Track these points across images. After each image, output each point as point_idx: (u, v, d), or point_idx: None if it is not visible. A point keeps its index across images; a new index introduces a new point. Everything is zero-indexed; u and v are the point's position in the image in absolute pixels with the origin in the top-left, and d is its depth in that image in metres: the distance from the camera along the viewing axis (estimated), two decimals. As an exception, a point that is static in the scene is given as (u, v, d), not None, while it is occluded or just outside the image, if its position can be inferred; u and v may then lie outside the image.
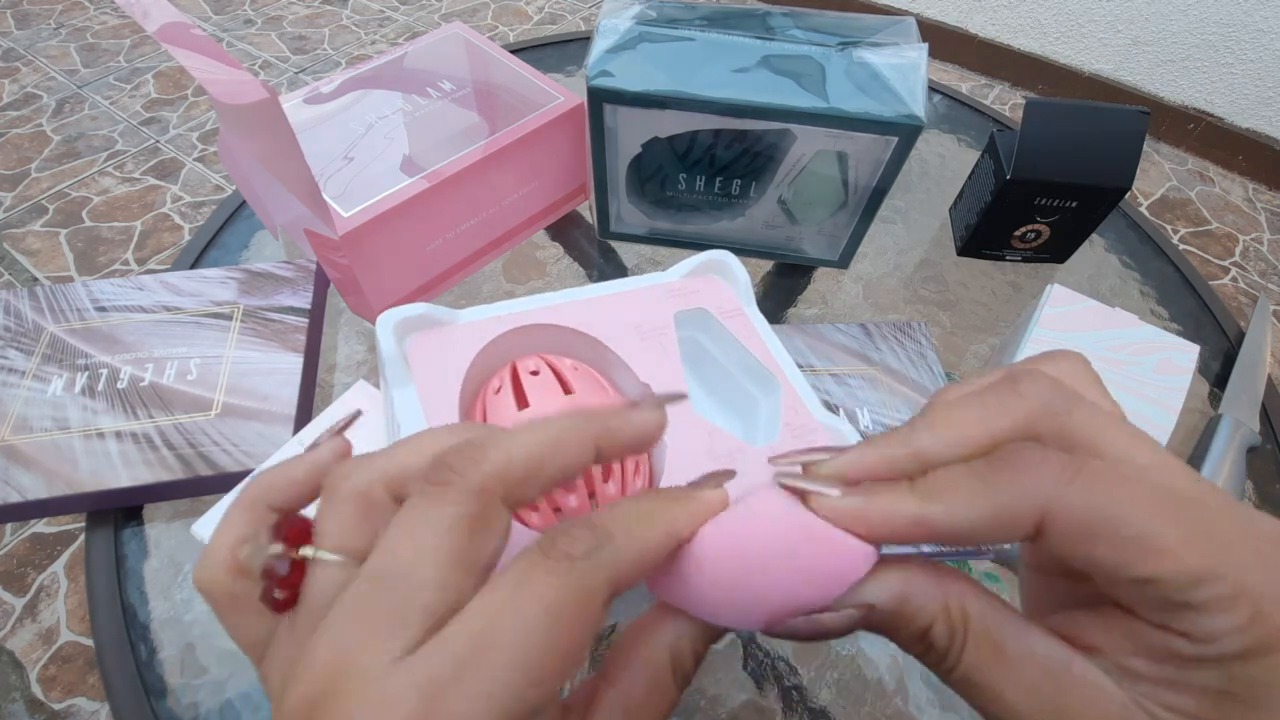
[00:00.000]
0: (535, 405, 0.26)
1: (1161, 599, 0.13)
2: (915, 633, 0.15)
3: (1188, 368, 0.40)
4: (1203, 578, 0.13)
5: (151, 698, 0.32)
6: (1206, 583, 0.13)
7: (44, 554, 0.94)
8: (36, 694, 0.84)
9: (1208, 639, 0.13)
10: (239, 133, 0.36)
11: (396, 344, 0.27)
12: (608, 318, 0.30)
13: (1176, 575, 0.13)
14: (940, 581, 0.16)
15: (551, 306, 0.30)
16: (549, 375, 0.27)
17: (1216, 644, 0.13)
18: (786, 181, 0.45)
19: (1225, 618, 0.13)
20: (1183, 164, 1.66)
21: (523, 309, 0.30)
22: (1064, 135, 0.45)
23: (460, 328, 0.29)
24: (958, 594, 0.15)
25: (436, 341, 0.28)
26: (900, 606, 0.15)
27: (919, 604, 0.15)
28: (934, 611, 0.15)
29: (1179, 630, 0.13)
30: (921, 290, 0.52)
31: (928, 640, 0.15)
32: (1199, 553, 0.13)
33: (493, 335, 0.29)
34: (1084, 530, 0.14)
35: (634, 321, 0.31)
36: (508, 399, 0.26)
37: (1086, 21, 1.66)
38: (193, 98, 1.62)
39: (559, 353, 0.30)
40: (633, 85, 0.40)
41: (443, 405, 0.26)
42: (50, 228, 1.32)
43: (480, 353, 0.28)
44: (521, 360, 0.28)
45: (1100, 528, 0.14)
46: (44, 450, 0.36)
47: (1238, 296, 1.36)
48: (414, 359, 0.27)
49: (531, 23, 1.95)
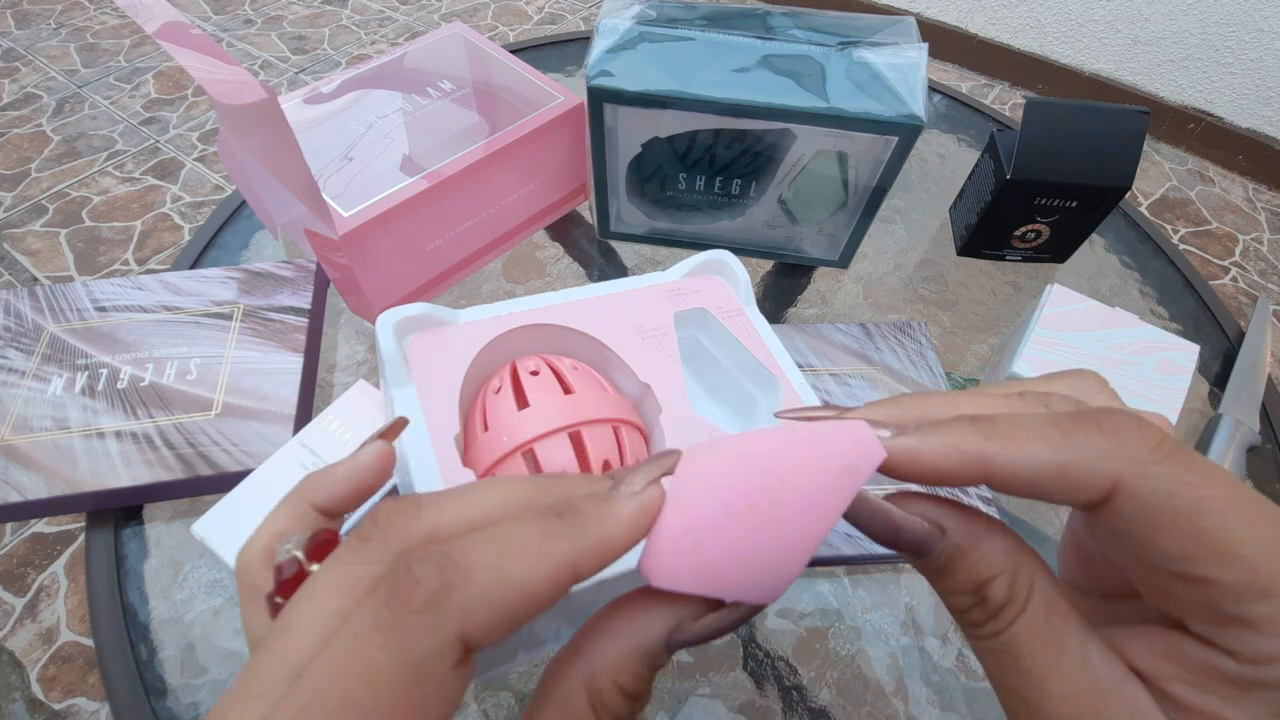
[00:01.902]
0: (535, 404, 0.26)
1: (1216, 607, 0.12)
2: (973, 580, 0.14)
3: (1188, 368, 0.40)
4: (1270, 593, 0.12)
5: (151, 698, 0.32)
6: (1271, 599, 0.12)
7: (44, 554, 0.94)
8: (36, 694, 0.84)
9: (1256, 660, 0.12)
10: (239, 133, 0.36)
11: (396, 344, 0.27)
12: (608, 318, 0.30)
13: (1241, 583, 0.12)
14: (1021, 550, 0.14)
15: (551, 306, 0.30)
16: (549, 375, 0.27)
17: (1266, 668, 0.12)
18: (786, 181, 0.45)
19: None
20: (1183, 164, 1.66)
21: (523, 309, 0.30)
22: (1064, 135, 0.45)
23: (460, 328, 0.29)
24: (1033, 567, 0.14)
25: (436, 341, 0.28)
26: (971, 547, 0.14)
27: (991, 554, 0.14)
28: (1003, 568, 0.14)
29: (1226, 647, 0.13)
30: (921, 290, 0.52)
31: (982, 593, 0.14)
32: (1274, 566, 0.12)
33: (493, 335, 0.29)
34: (1156, 512, 0.13)
35: (634, 321, 0.31)
36: (508, 399, 0.26)
37: (1086, 21, 1.66)
38: (193, 98, 1.62)
39: (559, 353, 0.30)
40: (633, 85, 0.40)
41: (443, 405, 0.26)
42: (50, 228, 1.32)
43: (480, 353, 0.28)
44: (521, 360, 0.28)
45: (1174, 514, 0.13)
46: (44, 450, 0.36)
47: (1238, 296, 1.36)
48: (414, 359, 0.27)
49: (531, 23, 1.95)
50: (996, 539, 0.14)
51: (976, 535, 0.14)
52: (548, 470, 0.24)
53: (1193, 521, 0.12)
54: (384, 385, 0.28)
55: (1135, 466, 0.13)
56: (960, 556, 0.14)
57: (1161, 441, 0.13)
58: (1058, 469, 0.13)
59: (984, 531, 0.14)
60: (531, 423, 0.25)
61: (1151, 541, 0.13)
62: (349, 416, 0.35)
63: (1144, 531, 0.13)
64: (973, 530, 0.14)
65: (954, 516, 0.15)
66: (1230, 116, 1.60)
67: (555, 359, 0.28)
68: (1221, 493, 0.13)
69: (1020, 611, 0.14)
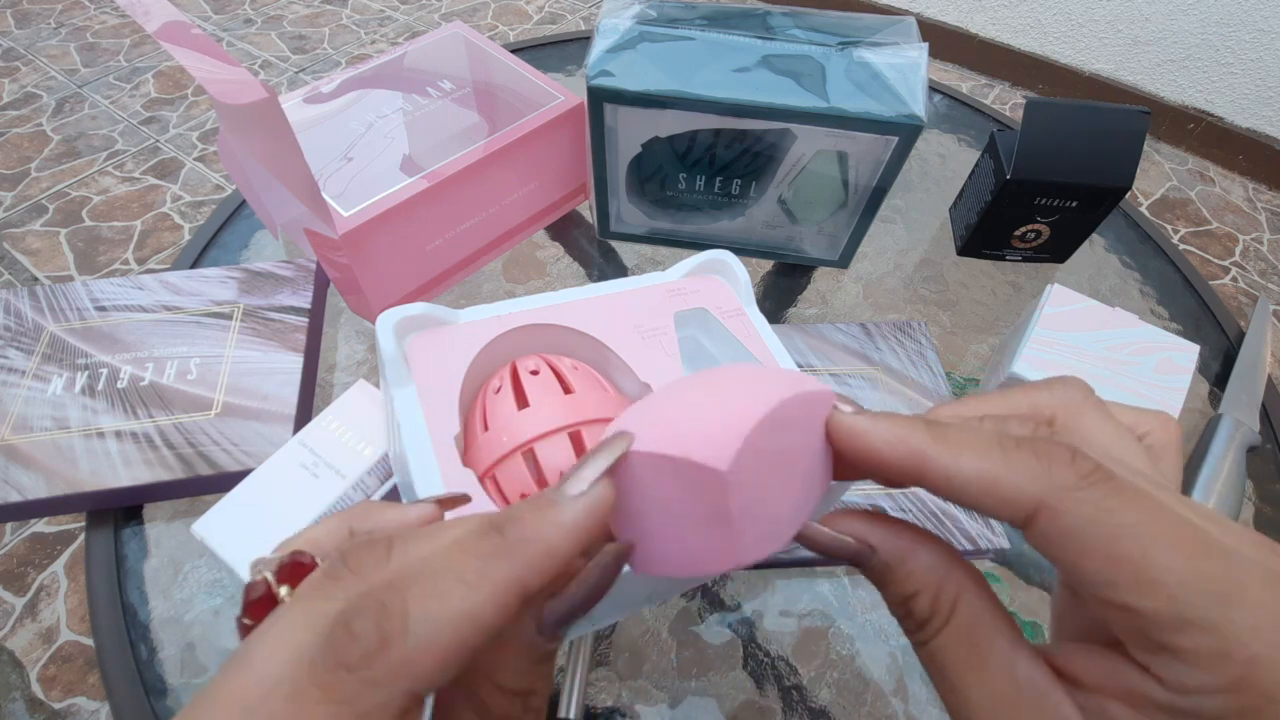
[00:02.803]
0: (535, 404, 0.26)
1: (1144, 635, 0.13)
2: (900, 594, 0.15)
3: (1188, 368, 0.40)
4: (1192, 624, 0.12)
5: (151, 698, 0.32)
6: (1194, 630, 0.12)
7: (44, 554, 0.94)
8: (37, 693, 0.84)
9: (1183, 691, 0.12)
10: (239, 133, 0.36)
11: (396, 343, 0.27)
12: (608, 318, 0.30)
13: (1162, 612, 0.12)
14: (950, 565, 0.15)
15: (552, 306, 0.30)
16: (549, 375, 0.27)
17: (1192, 699, 0.12)
18: (786, 181, 0.45)
19: (1206, 674, 0.12)
20: (1183, 164, 1.66)
21: (523, 309, 0.30)
22: (1064, 135, 0.45)
23: (460, 328, 0.29)
24: (960, 582, 0.15)
25: (436, 341, 0.28)
26: (897, 564, 0.15)
27: (916, 570, 0.15)
28: (925, 584, 0.15)
29: (1157, 674, 0.13)
30: (921, 290, 0.52)
31: (908, 606, 0.15)
32: (1196, 595, 0.12)
33: (493, 335, 0.29)
34: (1078, 536, 0.13)
35: (634, 321, 0.31)
36: (508, 398, 0.26)
37: (1087, 21, 1.66)
38: (193, 97, 1.62)
39: (560, 352, 0.30)
40: (633, 85, 0.40)
41: (442, 405, 0.26)
42: (50, 227, 1.32)
43: (480, 352, 0.28)
44: (521, 360, 0.28)
45: (1095, 540, 0.13)
46: (44, 450, 0.36)
47: (1238, 296, 1.36)
48: (414, 358, 0.27)
49: (531, 22, 1.95)
50: (924, 555, 0.15)
51: (903, 552, 0.15)
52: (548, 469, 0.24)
53: (1112, 547, 0.13)
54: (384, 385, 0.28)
55: (1058, 491, 0.13)
56: (888, 572, 0.15)
57: (1093, 470, 0.13)
58: (990, 482, 0.14)
59: (911, 548, 0.15)
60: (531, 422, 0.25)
61: (1078, 566, 0.13)
62: (349, 416, 0.35)
63: (1070, 556, 0.13)
64: (900, 547, 0.15)
65: (884, 533, 0.16)
66: (1230, 116, 1.60)
67: (555, 359, 0.28)
68: (1146, 519, 0.13)
69: (944, 625, 0.15)
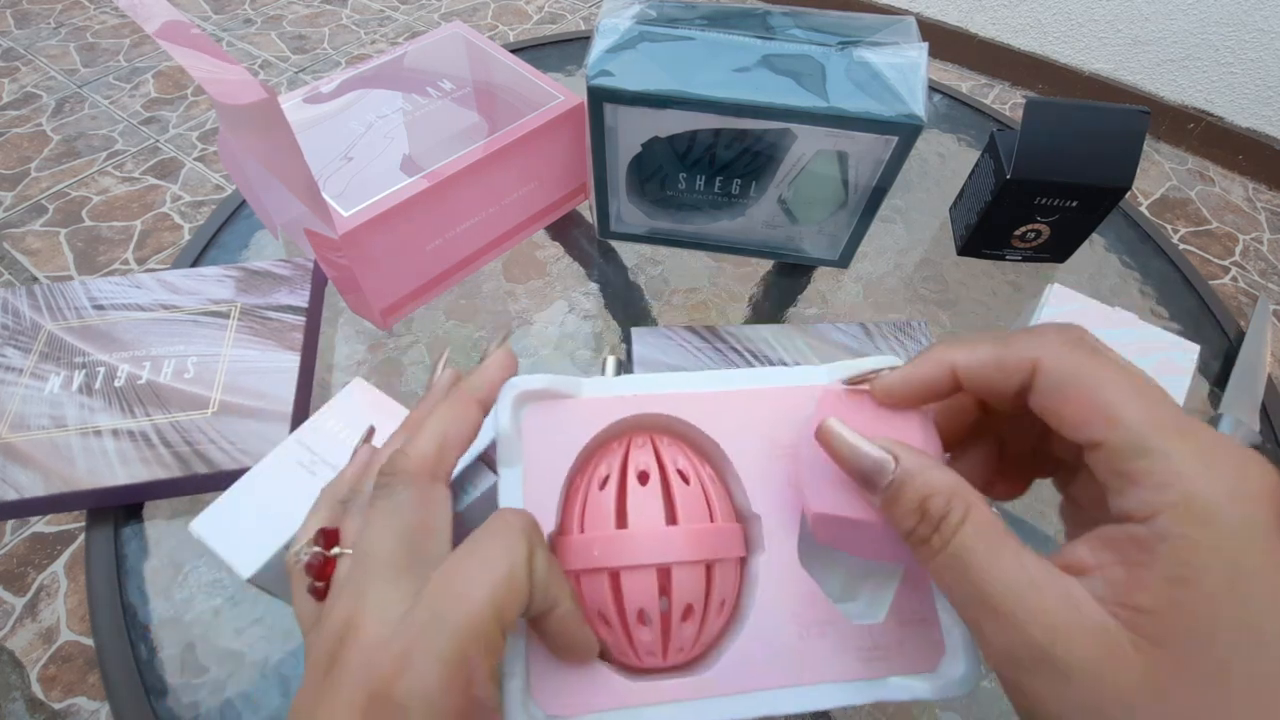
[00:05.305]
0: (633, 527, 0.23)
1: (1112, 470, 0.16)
2: (916, 498, 0.18)
3: (1188, 368, 0.40)
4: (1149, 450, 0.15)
5: (151, 698, 0.32)
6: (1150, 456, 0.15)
7: (44, 554, 0.94)
8: (37, 693, 0.84)
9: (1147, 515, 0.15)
10: (239, 133, 0.36)
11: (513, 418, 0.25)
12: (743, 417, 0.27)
13: (1123, 443, 0.15)
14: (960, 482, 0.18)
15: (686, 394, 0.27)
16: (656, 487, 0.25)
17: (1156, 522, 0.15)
18: (786, 181, 0.45)
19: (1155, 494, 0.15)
20: (1183, 164, 1.66)
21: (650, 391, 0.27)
22: (1064, 135, 0.45)
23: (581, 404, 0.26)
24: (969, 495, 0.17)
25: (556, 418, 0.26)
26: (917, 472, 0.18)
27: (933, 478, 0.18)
28: (940, 488, 0.17)
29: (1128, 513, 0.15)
30: (921, 290, 0.52)
31: (925, 507, 0.17)
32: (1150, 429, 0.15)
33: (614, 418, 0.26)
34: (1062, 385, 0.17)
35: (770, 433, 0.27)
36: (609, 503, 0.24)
37: (1086, 21, 1.66)
38: (193, 97, 1.62)
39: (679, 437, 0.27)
40: (633, 85, 0.40)
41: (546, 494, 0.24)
42: (50, 227, 1.32)
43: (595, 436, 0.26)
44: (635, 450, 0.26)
45: (1075, 388, 0.17)
46: (41, 448, 0.36)
47: (1238, 296, 1.36)
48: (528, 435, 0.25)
49: (531, 22, 1.95)
50: (939, 470, 0.18)
51: (923, 463, 0.18)
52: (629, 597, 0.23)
53: (1089, 394, 0.16)
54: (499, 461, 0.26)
55: (1049, 350, 0.18)
56: (907, 479, 0.18)
57: (1079, 339, 0.18)
58: (998, 359, 0.19)
59: (930, 463, 0.18)
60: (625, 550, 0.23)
61: (1061, 412, 0.17)
62: (346, 415, 0.35)
63: (1056, 404, 0.17)
64: (919, 460, 0.18)
65: (906, 450, 0.19)
66: (1230, 116, 1.60)
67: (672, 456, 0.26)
68: (1115, 374, 0.17)
69: (961, 523, 0.17)
